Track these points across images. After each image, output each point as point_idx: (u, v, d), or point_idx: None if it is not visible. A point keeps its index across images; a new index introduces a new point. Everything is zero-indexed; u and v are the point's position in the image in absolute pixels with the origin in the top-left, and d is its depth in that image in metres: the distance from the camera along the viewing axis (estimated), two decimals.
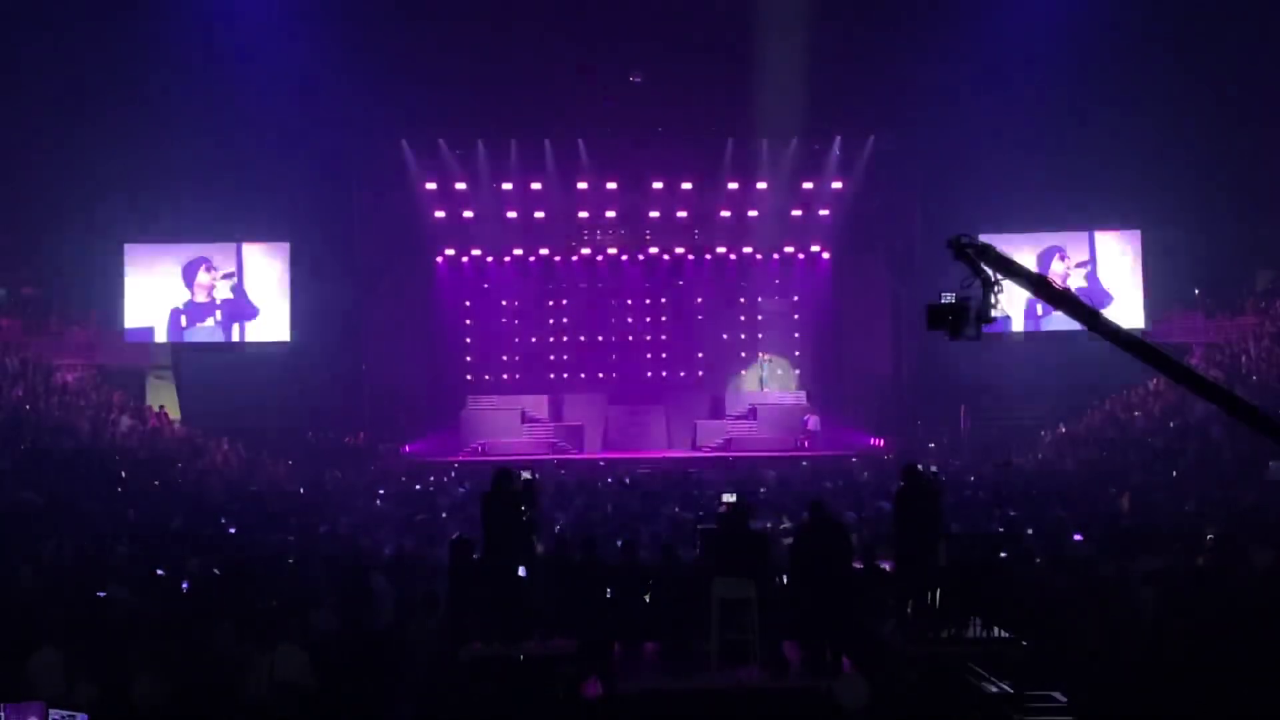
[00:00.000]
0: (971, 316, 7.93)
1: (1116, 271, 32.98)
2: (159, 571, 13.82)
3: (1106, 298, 32.98)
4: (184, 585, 13.02)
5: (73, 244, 30.78)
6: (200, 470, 26.48)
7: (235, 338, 32.62)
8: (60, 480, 21.37)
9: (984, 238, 29.79)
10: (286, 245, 32.66)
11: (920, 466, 13.44)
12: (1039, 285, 7.96)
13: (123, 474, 23.54)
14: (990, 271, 8.09)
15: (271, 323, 32.63)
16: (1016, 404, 31.00)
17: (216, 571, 13.78)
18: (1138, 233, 32.70)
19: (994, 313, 8.00)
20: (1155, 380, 31.01)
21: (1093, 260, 33.15)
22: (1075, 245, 33.12)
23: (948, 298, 8.06)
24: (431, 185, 33.85)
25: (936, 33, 28.02)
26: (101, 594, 12.28)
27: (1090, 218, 32.70)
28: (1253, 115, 29.67)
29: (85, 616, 11.28)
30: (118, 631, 10.79)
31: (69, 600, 11.94)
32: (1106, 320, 8.02)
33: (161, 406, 31.72)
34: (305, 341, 32.44)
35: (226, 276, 32.65)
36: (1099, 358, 29.89)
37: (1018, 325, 33.21)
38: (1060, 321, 32.89)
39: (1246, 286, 32.62)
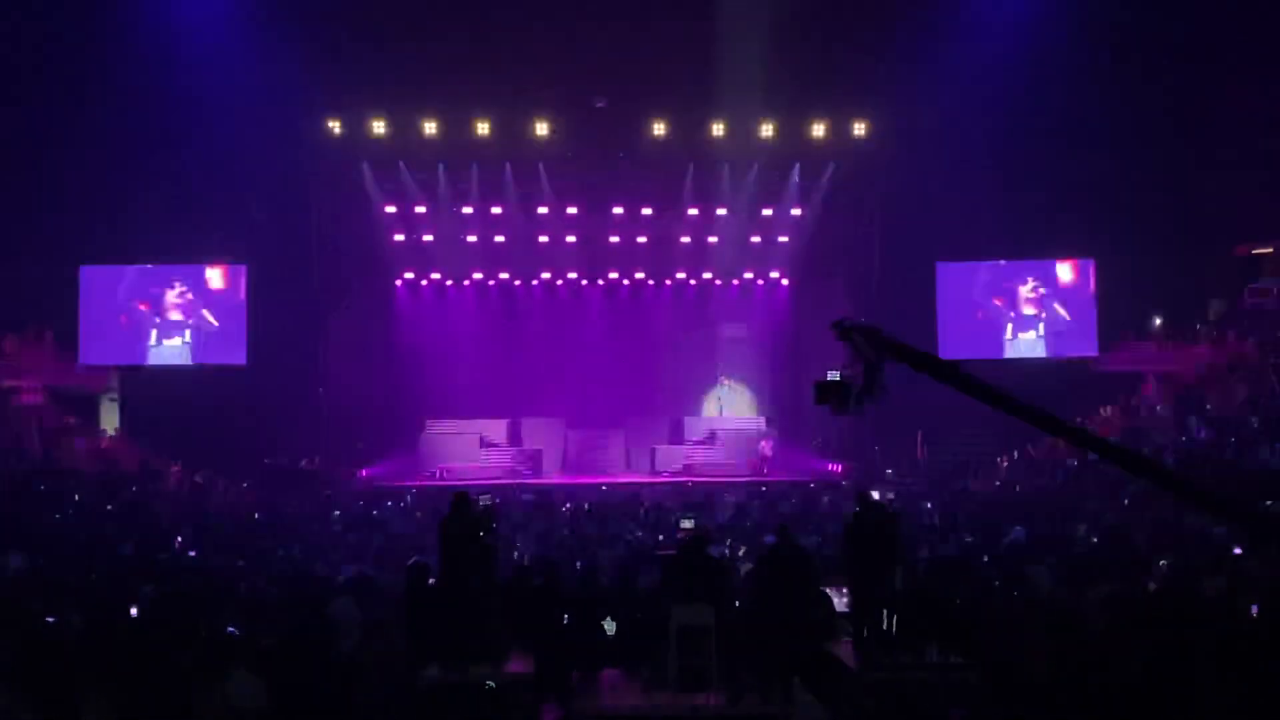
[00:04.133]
0: (853, 395, 8.36)
1: (1072, 300, 33.40)
2: (111, 596, 13.63)
3: (1063, 324, 33.38)
4: (135, 611, 12.86)
5: (28, 265, 30.41)
6: (154, 494, 26.17)
7: (199, 359, 32.35)
8: (11, 502, 21.05)
9: (941, 266, 30.22)
10: (245, 268, 32.44)
11: (876, 494, 13.55)
12: (930, 366, 8.30)
13: (76, 497, 23.22)
14: (874, 353, 8.45)
15: (229, 345, 32.36)
16: (974, 429, 31.28)
17: (170, 597, 13.61)
18: (1092, 262, 33.14)
19: (878, 391, 8.42)
20: (1108, 408, 31.42)
21: (1052, 289, 33.58)
22: (1036, 273, 33.63)
23: (833, 375, 8.56)
24: (391, 208, 33.76)
25: (895, 66, 28.37)
26: (51, 619, 12.10)
27: (1046, 247, 33.12)
28: (1205, 147, 30.22)
29: (33, 641, 11.10)
30: (67, 657, 10.63)
31: (17, 624, 11.75)
32: (1020, 404, 8.30)
33: (117, 428, 31.36)
34: (262, 364, 32.18)
35: (188, 298, 32.40)
36: (1055, 384, 30.41)
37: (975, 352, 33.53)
38: (1021, 349, 33.31)
39: (1199, 316, 33.13)
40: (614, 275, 36.42)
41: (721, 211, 34.09)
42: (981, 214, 31.27)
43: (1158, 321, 33.05)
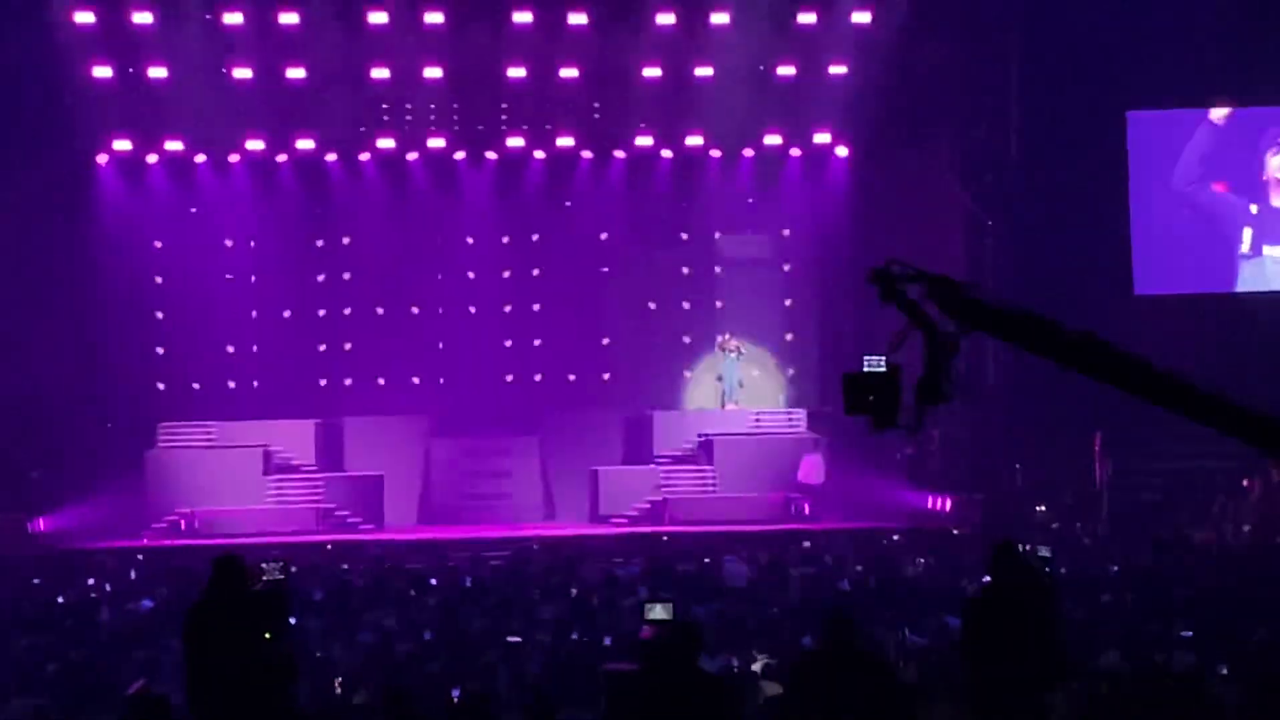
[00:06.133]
0: (906, 398, 8.54)
1: None
2: None
3: None
4: None
5: None
6: None
7: None
8: None
9: (1135, 117, 30.48)
10: None
11: (1022, 548, 13.60)
12: (1050, 345, 8.43)
13: None
14: (942, 324, 8.59)
15: None
16: (1197, 430, 31.59)
17: None
18: None
19: (951, 390, 8.56)
20: None
21: None
22: None
23: (873, 364, 8.96)
24: (86, 16, 33.41)
25: None
26: None
27: None
28: None
29: None
30: None
31: None
32: (1234, 406, 8.39)
33: None
34: None
35: None
36: None
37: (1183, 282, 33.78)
38: (1269, 275, 33.56)
39: None
40: (517, 142, 36.26)
41: (721, 18, 34.10)
42: (1202, 24, 31.39)
43: None
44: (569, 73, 34.93)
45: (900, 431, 8.85)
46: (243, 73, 34.38)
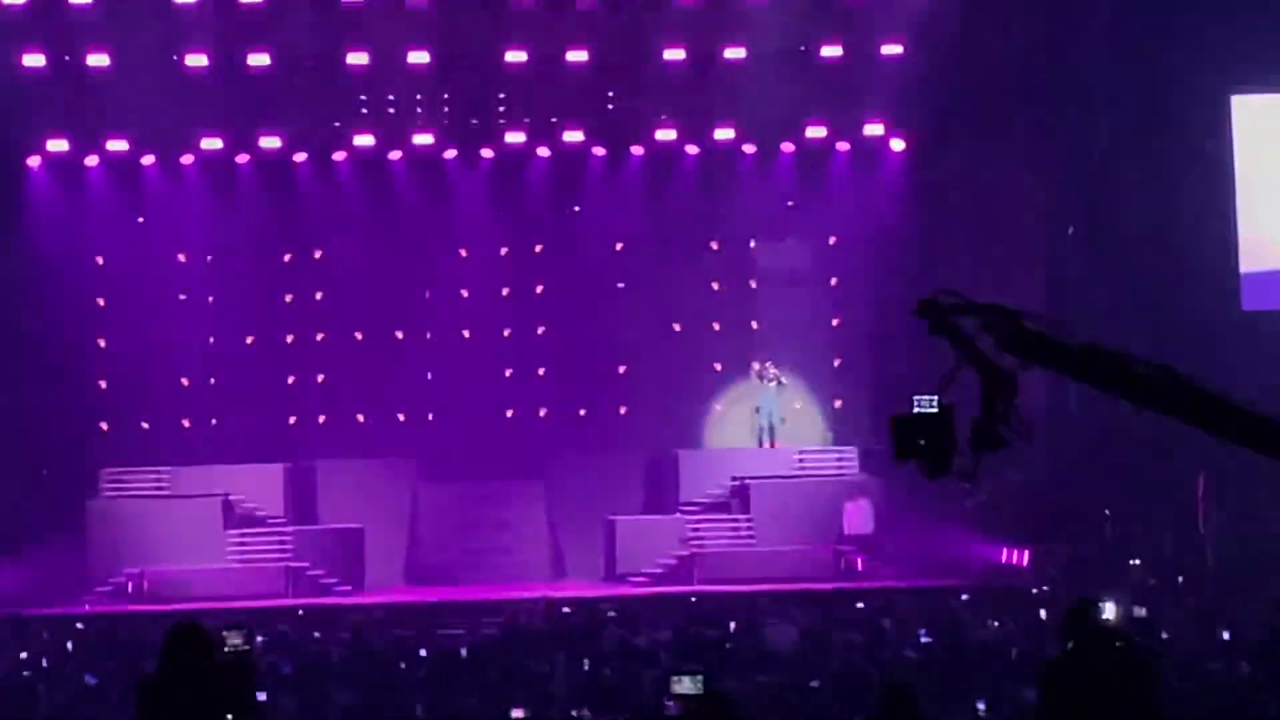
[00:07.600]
0: (958, 441, 8.64)
1: None
2: None
3: None
4: None
5: None
6: None
7: None
8: None
9: (1241, 102, 30.50)
10: None
11: (1109, 607, 13.59)
12: (1117, 378, 8.54)
13: None
14: (997, 361, 8.69)
15: None
16: None
17: None
18: None
19: (1014, 434, 8.70)
20: None
21: None
22: None
23: (923, 404, 9.02)
24: None
25: None
26: None
27: None
28: None
29: None
30: None
31: None
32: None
33: None
34: None
35: None
36: None
37: None
38: None
39: None
40: (517, 137, 36.33)
41: None
42: None
43: None
44: (577, 56, 34.98)
45: (946, 478, 8.89)
46: (197, 60, 34.40)
